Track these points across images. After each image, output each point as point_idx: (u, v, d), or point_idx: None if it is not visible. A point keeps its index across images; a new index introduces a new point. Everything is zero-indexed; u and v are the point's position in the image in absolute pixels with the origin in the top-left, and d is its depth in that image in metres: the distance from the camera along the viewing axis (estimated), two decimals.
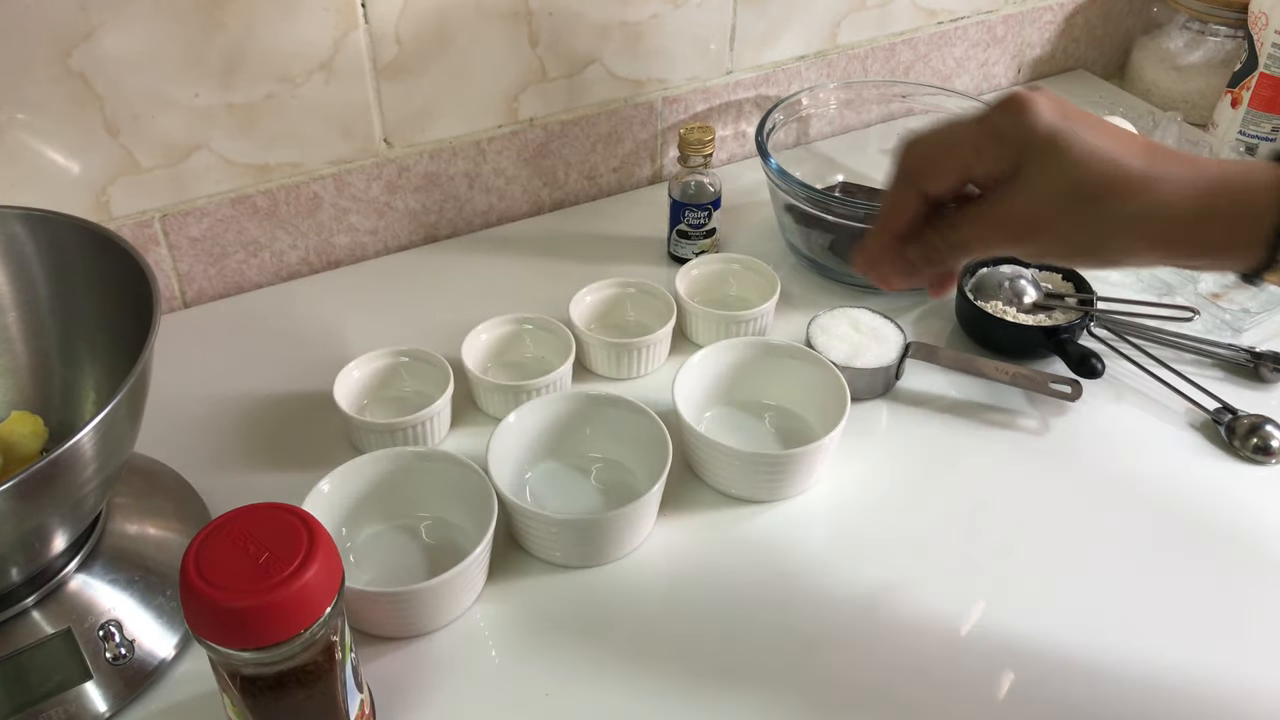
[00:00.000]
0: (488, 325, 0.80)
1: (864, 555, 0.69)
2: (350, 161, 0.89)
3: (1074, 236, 0.51)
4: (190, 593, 0.46)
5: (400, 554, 0.67)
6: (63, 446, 0.49)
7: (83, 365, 0.66)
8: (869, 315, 0.82)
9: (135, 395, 0.55)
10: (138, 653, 0.60)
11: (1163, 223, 0.50)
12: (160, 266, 0.86)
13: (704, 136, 0.87)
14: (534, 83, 0.93)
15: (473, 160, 0.94)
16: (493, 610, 0.65)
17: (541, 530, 0.66)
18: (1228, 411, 0.77)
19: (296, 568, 0.47)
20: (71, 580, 0.60)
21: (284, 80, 0.82)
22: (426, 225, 0.96)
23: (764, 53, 1.03)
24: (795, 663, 0.62)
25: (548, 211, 1.01)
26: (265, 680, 0.49)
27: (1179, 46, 1.16)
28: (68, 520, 0.57)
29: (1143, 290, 0.90)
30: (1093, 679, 0.62)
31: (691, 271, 0.87)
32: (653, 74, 0.98)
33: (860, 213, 0.85)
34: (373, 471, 0.67)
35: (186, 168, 0.83)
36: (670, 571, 0.68)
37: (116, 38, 0.75)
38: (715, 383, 0.77)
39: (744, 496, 0.72)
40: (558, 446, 0.73)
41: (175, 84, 0.79)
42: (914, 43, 1.11)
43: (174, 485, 0.70)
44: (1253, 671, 0.62)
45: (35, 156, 0.77)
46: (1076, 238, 0.51)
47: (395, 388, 0.78)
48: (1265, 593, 0.67)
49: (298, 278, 0.92)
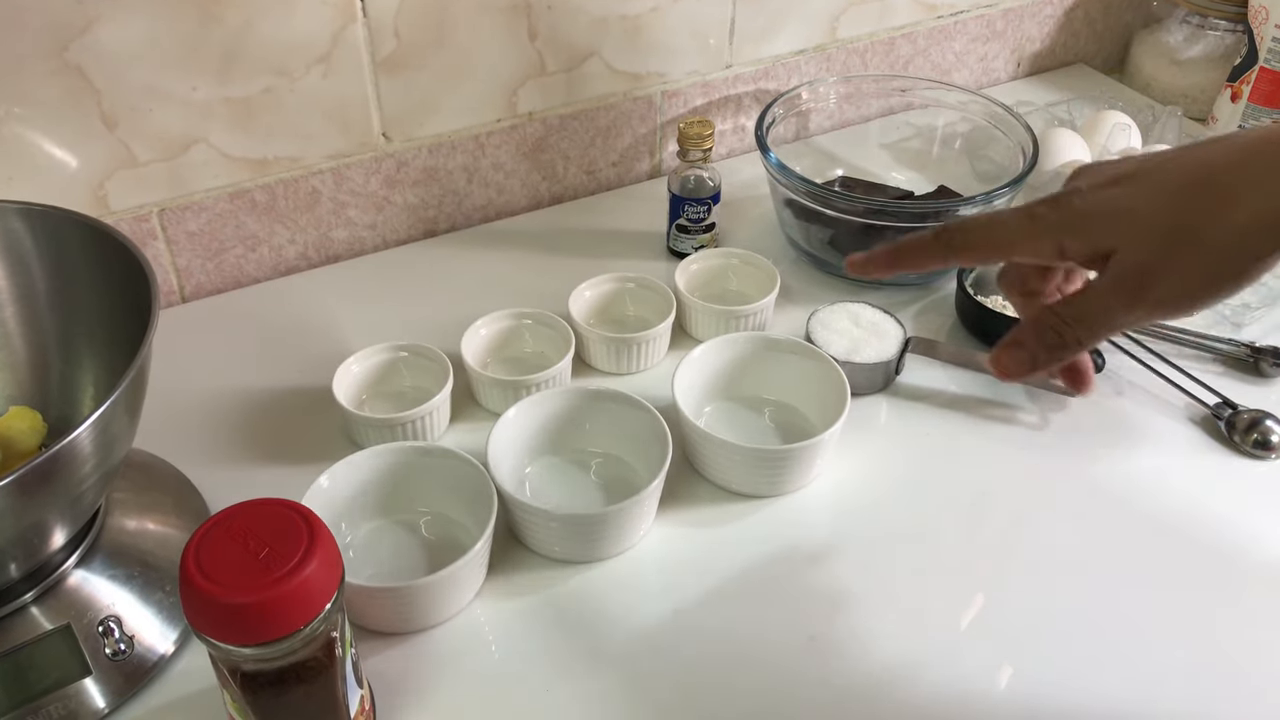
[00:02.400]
0: (487, 320, 0.80)
1: (864, 550, 0.68)
2: (348, 156, 0.89)
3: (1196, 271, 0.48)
4: (190, 589, 0.46)
5: (400, 549, 0.67)
6: (61, 442, 0.49)
7: (81, 360, 0.66)
8: (869, 310, 0.82)
9: (134, 390, 0.55)
10: (137, 648, 0.60)
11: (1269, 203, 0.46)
12: (158, 261, 0.86)
13: (703, 131, 0.86)
14: (533, 76, 0.93)
15: (471, 154, 0.94)
16: (493, 606, 0.65)
17: (541, 525, 0.66)
18: (1228, 406, 0.77)
19: (296, 563, 0.47)
20: (71, 576, 0.60)
21: (282, 74, 0.82)
22: (425, 220, 0.96)
23: (763, 47, 1.03)
24: (796, 657, 0.62)
25: (547, 206, 1.01)
26: (265, 676, 0.49)
27: (1179, 41, 1.16)
28: (67, 516, 0.57)
29: None
30: (1093, 673, 0.62)
31: (691, 266, 0.86)
32: (652, 68, 0.98)
33: (859, 207, 0.85)
34: (372, 467, 0.67)
35: (184, 162, 0.82)
36: (670, 566, 0.67)
37: (114, 31, 0.75)
38: (715, 378, 0.77)
39: (744, 491, 0.72)
40: (557, 441, 0.73)
41: (173, 78, 0.78)
42: (913, 37, 1.11)
43: (173, 480, 0.70)
44: (1252, 668, 0.62)
45: (32, 151, 0.77)
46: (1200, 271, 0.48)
47: (394, 383, 0.78)
48: (1264, 587, 0.67)
49: (296, 272, 0.92)
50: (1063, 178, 0.94)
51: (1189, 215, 0.48)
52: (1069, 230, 0.50)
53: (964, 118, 0.99)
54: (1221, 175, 0.48)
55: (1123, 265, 0.49)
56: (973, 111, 0.98)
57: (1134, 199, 0.49)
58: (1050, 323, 0.51)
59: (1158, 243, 0.48)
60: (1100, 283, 0.50)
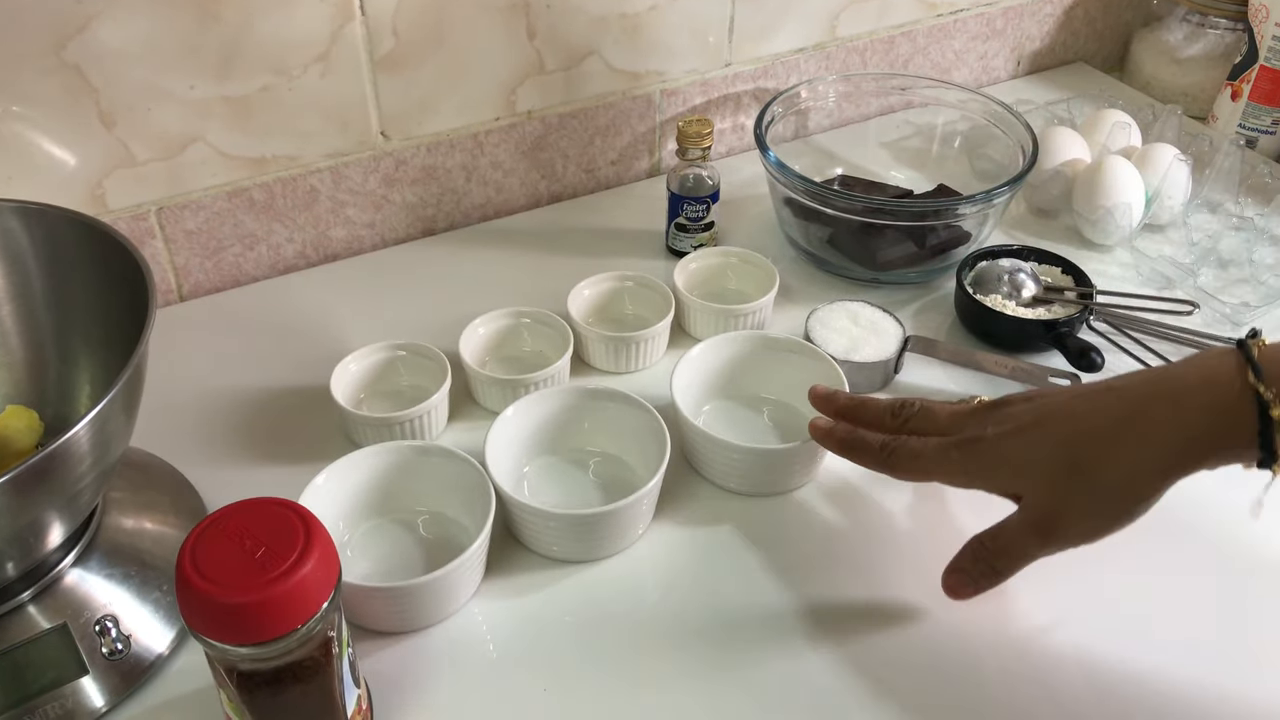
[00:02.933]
0: (485, 319, 0.80)
1: (864, 549, 0.68)
2: (347, 154, 0.89)
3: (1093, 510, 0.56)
4: (186, 588, 0.46)
5: (397, 549, 0.67)
6: (58, 441, 0.49)
7: (78, 359, 0.66)
8: (868, 309, 0.82)
9: (131, 389, 0.55)
10: (134, 647, 0.59)
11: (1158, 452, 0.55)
12: (156, 260, 0.86)
13: (702, 129, 0.86)
14: (532, 75, 0.92)
15: (470, 153, 0.94)
16: (490, 605, 0.65)
17: (539, 525, 0.66)
18: None
19: (293, 563, 0.47)
20: (67, 575, 0.60)
21: (280, 73, 0.82)
22: (424, 218, 0.96)
23: (763, 45, 1.03)
24: (796, 657, 0.62)
25: (545, 204, 1.01)
26: (262, 676, 0.49)
27: (1179, 39, 1.16)
28: (63, 515, 0.57)
29: (1142, 284, 0.90)
30: (1089, 671, 0.61)
31: (690, 265, 0.86)
32: (651, 66, 0.98)
33: (859, 206, 0.85)
34: (370, 466, 0.67)
35: (182, 160, 0.82)
36: (668, 566, 0.67)
37: (112, 29, 0.75)
38: (713, 376, 0.77)
39: (742, 490, 0.72)
40: (555, 441, 0.73)
41: (171, 76, 0.78)
42: (913, 35, 1.11)
43: (170, 479, 0.70)
44: (1251, 665, 0.62)
45: (30, 149, 0.77)
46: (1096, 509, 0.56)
47: (392, 381, 0.77)
48: (1264, 590, 0.67)
49: (294, 271, 0.92)
50: (1063, 176, 0.95)
51: (1082, 465, 0.55)
52: (979, 478, 0.60)
53: (963, 116, 0.99)
54: (1105, 435, 0.55)
55: (1030, 509, 0.58)
56: (972, 110, 0.98)
57: (1031, 452, 0.57)
58: (981, 555, 0.60)
59: (1057, 491, 0.56)
60: (1015, 522, 0.58)
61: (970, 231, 0.88)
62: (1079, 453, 0.56)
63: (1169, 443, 0.54)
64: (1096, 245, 0.94)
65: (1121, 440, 0.55)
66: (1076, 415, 0.57)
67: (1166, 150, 0.94)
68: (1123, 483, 0.55)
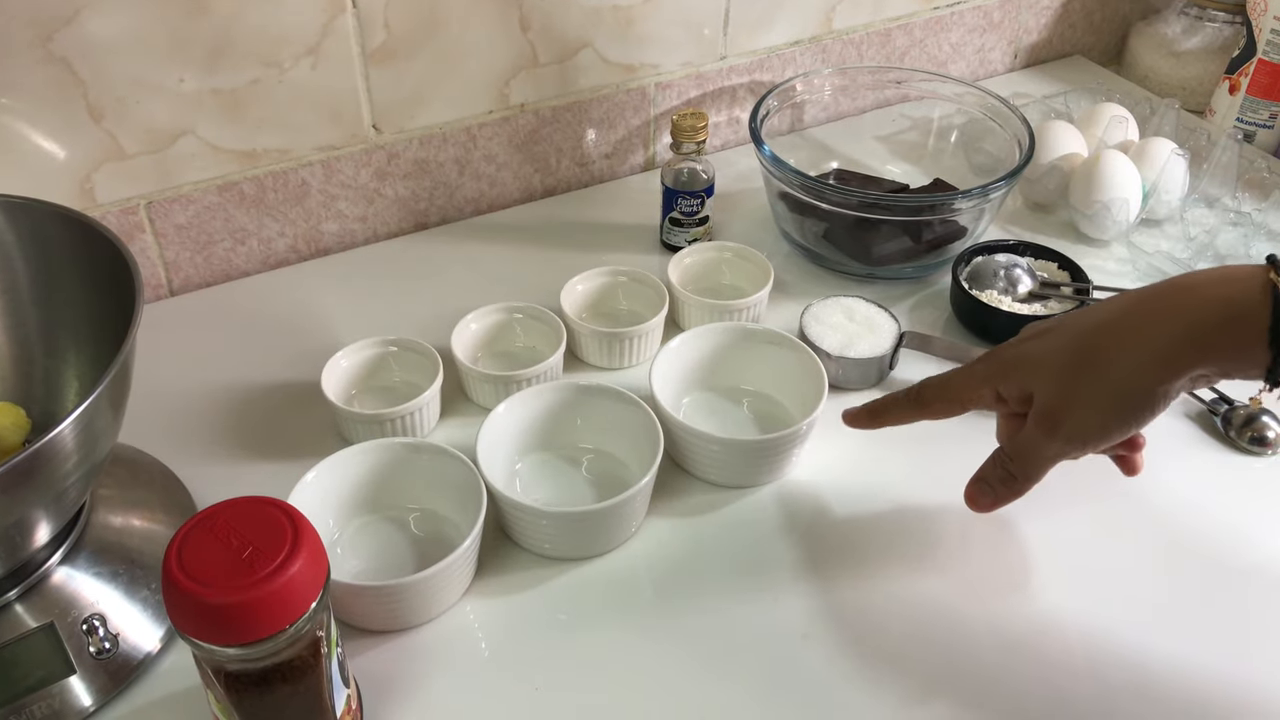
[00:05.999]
0: (478, 314, 0.79)
1: (863, 547, 0.68)
2: (339, 148, 0.88)
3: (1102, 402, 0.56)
4: (173, 589, 0.46)
5: (388, 546, 0.66)
6: (44, 438, 0.48)
7: (66, 355, 0.65)
8: (863, 304, 0.81)
9: (118, 385, 0.54)
10: (122, 646, 0.59)
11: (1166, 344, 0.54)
12: (146, 254, 0.85)
13: (697, 123, 0.86)
14: (525, 68, 0.92)
15: (463, 146, 0.93)
16: (482, 603, 0.64)
17: (531, 522, 0.65)
18: (1224, 402, 0.77)
19: (281, 563, 0.46)
20: (55, 573, 0.59)
21: (271, 65, 0.81)
22: (416, 212, 0.95)
23: (758, 38, 1.02)
24: (788, 651, 0.62)
25: (539, 198, 1.00)
26: (250, 676, 0.49)
27: (1177, 32, 1.15)
28: (51, 513, 0.56)
29: (1139, 279, 0.89)
30: (1085, 667, 0.61)
31: (684, 260, 0.86)
32: (645, 59, 0.97)
33: (854, 200, 0.84)
34: (361, 462, 0.67)
35: (172, 154, 0.82)
36: (660, 562, 0.67)
37: (100, 22, 0.74)
38: (694, 369, 0.76)
39: (720, 483, 0.71)
40: (548, 437, 0.72)
41: (160, 69, 0.78)
42: (909, 28, 1.10)
43: (159, 476, 0.70)
44: (1249, 662, 0.62)
45: (17, 142, 0.76)
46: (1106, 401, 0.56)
47: (384, 377, 0.77)
48: (1261, 583, 0.66)
49: (285, 266, 0.91)
50: (1059, 171, 0.94)
51: (1090, 355, 0.56)
52: (998, 379, 0.60)
53: (960, 110, 0.99)
54: (1115, 322, 0.56)
55: (1039, 405, 0.58)
56: (969, 104, 0.97)
57: (1045, 348, 0.58)
58: (1000, 460, 0.61)
59: (1065, 383, 0.56)
60: (1028, 422, 0.59)
61: (966, 226, 0.87)
62: (1086, 342, 0.56)
63: (1174, 329, 0.53)
64: (1093, 240, 0.94)
65: (1128, 327, 0.55)
66: (1089, 312, 0.58)
67: (1164, 144, 0.93)
68: (1127, 372, 0.54)
